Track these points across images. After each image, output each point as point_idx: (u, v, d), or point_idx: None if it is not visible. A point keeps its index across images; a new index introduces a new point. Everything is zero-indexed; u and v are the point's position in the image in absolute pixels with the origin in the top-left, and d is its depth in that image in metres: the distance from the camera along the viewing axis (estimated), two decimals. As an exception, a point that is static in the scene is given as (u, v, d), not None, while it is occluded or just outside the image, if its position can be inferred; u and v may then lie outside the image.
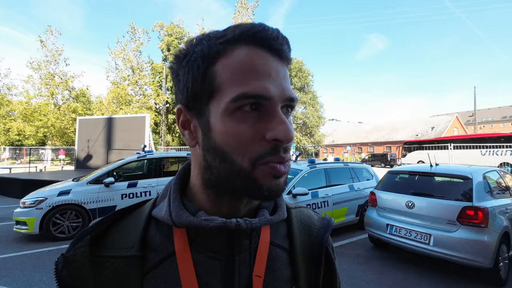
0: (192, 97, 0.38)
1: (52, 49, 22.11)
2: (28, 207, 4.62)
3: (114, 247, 0.40)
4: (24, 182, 8.43)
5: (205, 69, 0.36)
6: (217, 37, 0.37)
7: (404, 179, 4.24)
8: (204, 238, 0.41)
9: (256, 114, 0.36)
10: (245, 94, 0.34)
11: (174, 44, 28.34)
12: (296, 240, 0.48)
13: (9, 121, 23.12)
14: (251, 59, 0.35)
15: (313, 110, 34.89)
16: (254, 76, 0.35)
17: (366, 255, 4.16)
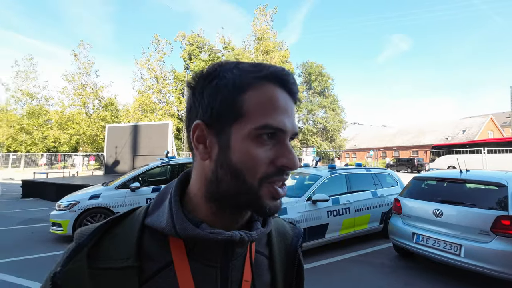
0: (216, 117, 0.41)
1: (84, 61, 23.76)
2: (63, 210, 4.96)
3: (110, 258, 0.40)
4: (58, 186, 9.05)
5: (236, 96, 0.40)
6: (250, 71, 0.42)
7: (431, 186, 4.04)
8: (202, 248, 0.43)
9: (272, 142, 0.41)
10: (269, 125, 0.40)
11: (195, 53, 29.31)
12: (274, 247, 0.53)
13: (46, 129, 25.02)
14: (277, 96, 0.41)
15: (334, 114, 34.25)
16: (277, 112, 0.41)
17: (391, 265, 3.99)
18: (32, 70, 25.38)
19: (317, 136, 33.97)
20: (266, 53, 20.44)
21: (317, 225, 4.27)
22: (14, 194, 10.49)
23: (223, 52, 29.74)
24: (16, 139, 25.59)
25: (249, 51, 21.17)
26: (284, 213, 4.00)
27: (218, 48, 23.18)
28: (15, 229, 5.79)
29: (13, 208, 7.99)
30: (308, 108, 33.97)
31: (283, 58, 22.94)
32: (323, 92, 35.02)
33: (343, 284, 3.39)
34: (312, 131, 33.51)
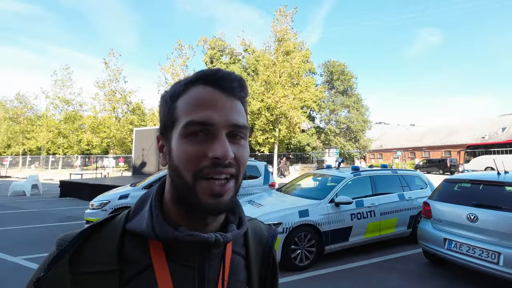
0: (164, 127, 0.47)
1: (113, 69, 25.15)
2: (96, 209, 5.30)
3: (91, 263, 0.42)
4: (91, 186, 9.67)
5: (171, 105, 0.46)
6: (182, 80, 0.47)
7: (465, 189, 3.78)
8: (180, 250, 0.46)
9: (204, 137, 0.43)
10: (193, 121, 0.42)
11: (216, 56, 29.90)
12: (250, 248, 0.55)
13: (80, 133, 26.83)
14: (201, 94, 0.44)
15: (358, 113, 33.17)
16: (201, 108, 0.43)
17: (420, 272, 3.79)
18: (68, 79, 27.36)
19: (340, 137, 33.08)
20: (287, 53, 20.29)
21: (340, 228, 4.17)
22: (53, 193, 11.36)
23: (243, 55, 30.06)
24: (54, 142, 27.71)
25: (269, 52, 21.13)
26: (305, 215, 3.96)
27: (238, 51, 23.45)
28: (56, 226, 6.27)
29: (52, 206, 8.66)
30: (331, 108, 33.21)
31: (304, 58, 22.66)
32: (346, 91, 34.06)
33: (368, 290, 3.27)
34: (335, 131, 32.70)
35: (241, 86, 0.47)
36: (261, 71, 20.23)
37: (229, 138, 0.44)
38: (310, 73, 32.10)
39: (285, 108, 18.91)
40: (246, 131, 0.47)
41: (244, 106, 0.48)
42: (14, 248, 4.63)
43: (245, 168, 0.47)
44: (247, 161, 0.48)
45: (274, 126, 20.43)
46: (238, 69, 28.43)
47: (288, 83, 19.70)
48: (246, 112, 0.50)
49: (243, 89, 0.47)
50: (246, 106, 0.50)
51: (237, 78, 0.46)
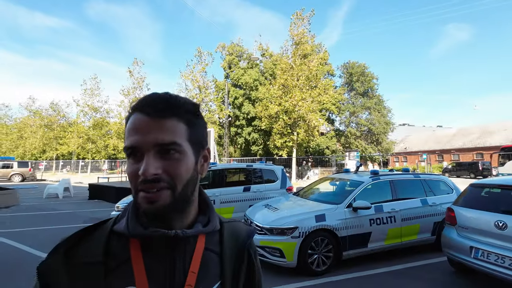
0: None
1: (137, 77, 26.38)
2: (120, 211, 5.59)
3: (82, 255, 0.52)
4: (117, 189, 10.18)
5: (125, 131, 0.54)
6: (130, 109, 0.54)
7: (494, 194, 3.57)
8: (153, 246, 0.54)
9: (136, 159, 0.51)
10: (126, 146, 0.51)
11: (234, 61, 30.38)
12: (225, 245, 0.61)
13: (107, 138, 28.31)
14: (133, 121, 0.52)
15: (379, 115, 32.13)
16: (131, 133, 0.51)
17: (446, 281, 3.61)
18: (96, 87, 29.07)
19: (361, 139, 32.17)
20: (304, 56, 20.19)
21: (359, 234, 4.08)
22: (83, 196, 12.08)
23: (261, 59, 30.31)
24: (84, 147, 29.45)
25: (287, 56, 21.13)
26: (322, 220, 3.92)
27: (256, 56, 23.72)
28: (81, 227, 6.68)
29: (81, 208, 9.23)
30: (351, 110, 32.44)
31: (322, 61, 22.42)
32: (366, 93, 33.13)
33: (388, 298, 3.18)
34: (355, 134, 31.86)
35: (170, 105, 0.52)
36: (279, 75, 20.28)
37: (160, 155, 0.51)
38: (329, 75, 31.63)
39: (303, 111, 18.77)
40: (177, 146, 0.51)
41: (184, 121, 0.53)
42: (48, 247, 4.99)
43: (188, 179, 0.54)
44: (186, 171, 0.53)
45: (292, 129, 20.33)
46: (256, 74, 28.68)
47: (306, 86, 19.57)
48: (192, 123, 0.55)
49: (172, 108, 0.52)
50: (190, 119, 0.55)
51: (164, 99, 0.53)
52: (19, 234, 5.88)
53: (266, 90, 21.61)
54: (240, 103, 29.22)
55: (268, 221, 4.03)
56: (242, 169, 6.91)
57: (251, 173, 6.70)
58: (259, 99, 23.72)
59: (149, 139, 0.50)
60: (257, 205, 5.04)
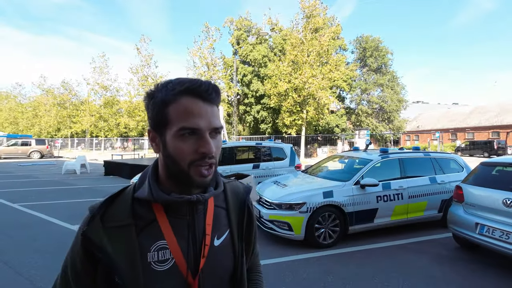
0: (156, 124, 0.62)
1: (145, 54, 26.12)
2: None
3: (114, 220, 0.62)
4: (131, 166, 10.57)
5: (163, 109, 0.60)
6: (171, 89, 0.60)
7: (505, 173, 3.55)
8: (175, 208, 0.65)
9: (193, 137, 0.59)
10: (185, 127, 0.58)
11: (243, 37, 29.47)
12: (229, 202, 0.76)
13: (118, 117, 28.79)
14: (190, 105, 0.59)
15: (392, 92, 31.10)
16: (190, 116, 0.59)
17: (449, 256, 3.73)
18: (105, 65, 29.07)
19: (372, 117, 31.52)
20: (315, 31, 19.35)
21: (365, 210, 4.20)
22: (99, 172, 12.62)
23: (270, 34, 29.26)
24: (96, 126, 30.15)
25: (297, 30, 20.25)
26: (330, 196, 4.04)
27: (265, 31, 22.88)
28: (102, 200, 7.08)
29: (99, 183, 9.69)
30: (362, 87, 31.46)
31: (334, 35, 21.46)
32: (379, 69, 31.86)
33: (390, 271, 3.34)
34: (366, 111, 31.17)
35: (217, 94, 0.62)
36: (288, 51, 19.66)
37: (211, 136, 0.61)
38: (341, 50, 30.40)
39: (313, 88, 18.39)
40: (221, 129, 0.64)
41: (219, 107, 0.65)
42: (72, 219, 5.37)
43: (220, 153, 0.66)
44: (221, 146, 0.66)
45: (301, 107, 20.06)
46: (265, 50, 27.86)
47: (316, 62, 18.98)
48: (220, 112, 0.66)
49: (218, 96, 0.63)
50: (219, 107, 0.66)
51: (215, 88, 0.62)
52: (46, 207, 6.31)
53: (275, 66, 21.08)
54: (249, 81, 28.78)
55: (277, 196, 4.18)
56: (251, 147, 7.01)
57: (260, 151, 6.81)
58: (268, 76, 23.24)
59: (207, 123, 0.60)
60: (267, 181, 5.19)
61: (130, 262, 0.58)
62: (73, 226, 4.91)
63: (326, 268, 3.36)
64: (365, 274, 3.24)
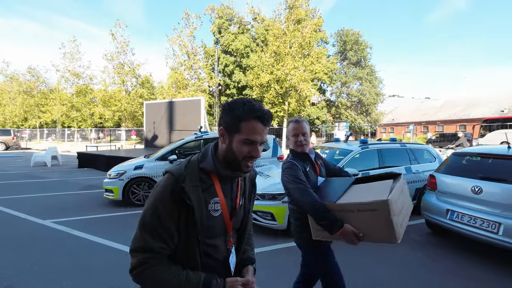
0: (229, 128, 0.94)
1: (121, 41, 24.79)
2: (113, 178, 5.62)
3: (191, 181, 0.92)
4: (108, 158, 10.12)
5: (238, 123, 0.92)
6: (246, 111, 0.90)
7: (473, 162, 3.79)
8: (224, 178, 1.00)
9: (251, 145, 0.93)
10: (249, 139, 0.92)
11: (224, 26, 28.78)
12: (247, 178, 1.14)
13: (92, 106, 27.32)
14: (255, 126, 0.91)
15: (370, 86, 32.09)
16: (253, 133, 0.92)
17: (421, 241, 3.96)
18: (76, 51, 27.26)
19: (351, 110, 32.41)
20: (298, 22, 19.30)
21: (346, 199, 4.31)
22: (72, 165, 11.97)
23: (252, 24, 28.79)
24: (68, 116, 28.44)
25: (280, 21, 20.11)
26: (312, 186, 4.09)
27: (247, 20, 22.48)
28: (79, 194, 6.74)
29: (72, 176, 9.20)
30: (342, 80, 32.16)
31: (315, 27, 21.51)
32: (359, 63, 32.66)
33: (367, 256, 3.48)
34: (346, 104, 31.98)
35: (271, 119, 0.95)
36: (271, 41, 19.51)
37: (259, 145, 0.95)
38: (322, 42, 30.68)
39: (295, 80, 18.48)
40: (265, 141, 0.97)
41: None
42: (43, 213, 5.06)
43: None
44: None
45: (283, 99, 20.14)
46: (247, 40, 27.46)
47: (298, 54, 19.02)
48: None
49: (271, 121, 0.95)
50: None
51: (271, 116, 0.94)
52: (14, 201, 5.89)
53: (257, 57, 20.87)
54: (231, 71, 28.34)
55: (260, 187, 4.17)
56: (234, 138, 6.94)
57: (243, 142, 6.76)
58: (250, 67, 23.00)
59: (261, 138, 0.93)
60: (249, 172, 5.17)
61: (200, 208, 0.91)
62: (45, 221, 4.63)
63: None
64: (342, 261, 3.34)
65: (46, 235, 4.10)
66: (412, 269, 3.14)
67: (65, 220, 4.68)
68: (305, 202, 1.62)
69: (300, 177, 1.72)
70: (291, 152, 1.92)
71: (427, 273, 3.06)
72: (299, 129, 1.83)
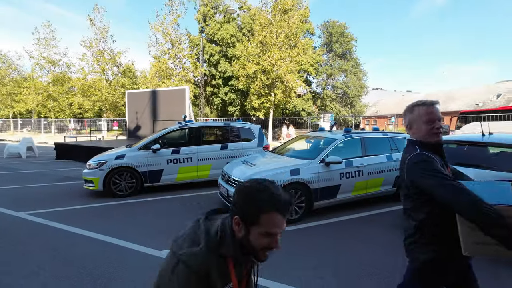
0: (246, 218, 0.89)
1: (100, 26, 23.61)
2: (93, 169, 5.42)
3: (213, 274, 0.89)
4: (87, 148, 9.74)
5: (258, 214, 0.87)
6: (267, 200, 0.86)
7: (450, 150, 3.95)
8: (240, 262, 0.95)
9: (270, 236, 0.88)
10: (268, 232, 0.88)
11: (210, 14, 28.03)
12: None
13: (71, 96, 26.04)
14: (275, 219, 0.87)
15: (355, 78, 32.60)
16: (274, 226, 0.87)
17: (402, 224, 4.11)
18: (51, 37, 25.70)
19: (336, 102, 32.88)
20: (284, 12, 19.08)
21: (329, 186, 4.40)
22: (49, 156, 11.45)
23: (238, 13, 28.22)
24: (44, 105, 26.99)
25: (266, 10, 19.82)
26: (297, 174, 4.13)
27: (233, 8, 21.99)
28: (55, 185, 6.45)
29: (49, 168, 8.80)
30: (328, 72, 32.42)
31: (302, 18, 21.39)
32: (344, 55, 32.97)
33: (351, 240, 3.59)
34: (331, 96, 32.38)
35: (291, 206, 0.91)
36: (257, 31, 19.22)
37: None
38: (309, 34, 30.63)
39: (281, 71, 18.40)
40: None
41: None
42: (16, 205, 4.82)
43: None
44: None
45: (269, 90, 20.07)
46: (233, 29, 26.93)
47: (285, 44, 18.89)
48: None
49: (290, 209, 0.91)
50: None
51: (291, 206, 0.91)
52: (-19, 194, 5.56)
53: (243, 47, 20.54)
54: (216, 61, 27.82)
55: (245, 176, 4.17)
56: (219, 127, 6.85)
57: (229, 132, 6.69)
58: (236, 57, 22.63)
59: (280, 229, 0.89)
60: (235, 161, 5.14)
61: None
62: (18, 213, 4.41)
63: (291, 240, 3.49)
64: (328, 244, 3.43)
65: (19, 226, 3.92)
66: (393, 250, 3.26)
67: (41, 212, 4.48)
68: (462, 202, 1.20)
69: (443, 171, 1.32)
70: (418, 144, 1.47)
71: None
72: (435, 114, 1.44)
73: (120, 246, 3.31)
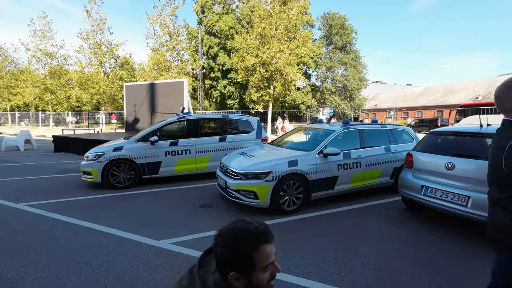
0: (241, 269, 0.81)
1: (96, 18, 23.25)
2: (91, 160, 5.41)
3: None
4: (86, 141, 9.70)
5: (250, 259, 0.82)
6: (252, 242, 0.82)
7: (448, 140, 3.94)
8: None
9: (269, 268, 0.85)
10: (266, 265, 0.83)
11: (208, 5, 27.63)
12: None
13: (68, 89, 25.82)
14: (267, 250, 0.83)
15: (355, 71, 32.39)
16: (268, 257, 0.83)
17: (398, 215, 4.15)
18: (48, 29, 25.33)
19: (335, 95, 32.74)
20: (284, 3, 18.81)
21: (327, 177, 4.41)
22: (47, 149, 11.43)
23: (237, 4, 27.81)
24: (42, 98, 26.80)
25: (266, 1, 19.56)
26: (295, 165, 4.14)
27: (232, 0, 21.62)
28: (54, 177, 6.45)
29: (48, 160, 8.79)
30: (327, 65, 32.19)
31: (302, 9, 21.12)
32: (344, 48, 32.68)
33: (347, 231, 3.62)
34: (330, 89, 32.22)
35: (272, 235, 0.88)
36: (256, 23, 18.99)
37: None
38: (308, 26, 30.29)
39: (280, 64, 18.26)
40: None
41: None
42: (15, 197, 4.82)
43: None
44: None
45: (269, 83, 19.94)
46: (232, 21, 26.58)
47: (284, 37, 18.70)
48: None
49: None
50: None
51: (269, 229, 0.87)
52: (-21, 186, 5.56)
53: (242, 39, 20.32)
54: (215, 53, 27.55)
55: (243, 167, 4.17)
56: (217, 119, 6.83)
57: (227, 124, 6.67)
58: (235, 49, 22.41)
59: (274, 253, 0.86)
60: (233, 153, 5.14)
61: None
62: (17, 204, 4.42)
63: (289, 231, 3.52)
64: (325, 235, 3.46)
65: (18, 218, 3.93)
66: (388, 241, 3.29)
67: (40, 203, 4.49)
68: None
69: None
70: None
71: (402, 244, 3.23)
72: None
73: (118, 236, 3.33)
